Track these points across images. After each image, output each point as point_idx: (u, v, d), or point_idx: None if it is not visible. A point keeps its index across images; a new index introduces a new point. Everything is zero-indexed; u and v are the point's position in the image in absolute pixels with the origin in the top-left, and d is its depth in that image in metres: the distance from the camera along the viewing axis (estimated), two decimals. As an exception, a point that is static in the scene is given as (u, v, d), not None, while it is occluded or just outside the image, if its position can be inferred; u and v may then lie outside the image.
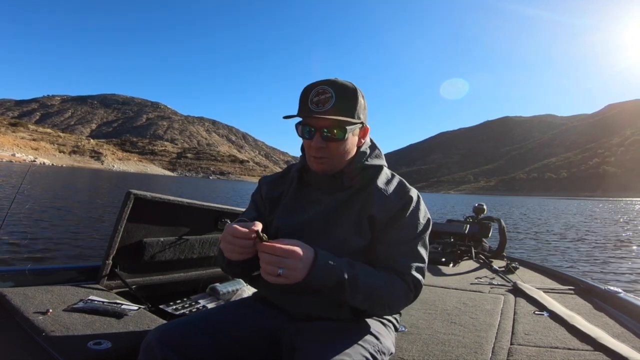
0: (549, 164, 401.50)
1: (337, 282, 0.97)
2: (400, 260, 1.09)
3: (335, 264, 0.97)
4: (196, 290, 2.31)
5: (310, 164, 1.13)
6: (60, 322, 1.36)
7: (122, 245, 1.93)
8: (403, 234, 1.10)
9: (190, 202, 2.18)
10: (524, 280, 2.70)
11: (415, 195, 1.14)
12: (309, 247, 0.96)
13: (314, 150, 1.07)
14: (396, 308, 1.13)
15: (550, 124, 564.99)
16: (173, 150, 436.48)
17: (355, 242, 1.10)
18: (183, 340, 1.01)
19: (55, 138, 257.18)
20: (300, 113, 1.06)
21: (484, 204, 4.48)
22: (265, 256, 0.91)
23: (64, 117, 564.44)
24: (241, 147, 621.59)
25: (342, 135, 1.06)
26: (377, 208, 1.10)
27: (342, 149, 1.09)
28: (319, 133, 1.05)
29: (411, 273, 1.08)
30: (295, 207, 1.18)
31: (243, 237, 0.94)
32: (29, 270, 1.75)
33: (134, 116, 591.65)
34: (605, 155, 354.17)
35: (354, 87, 1.07)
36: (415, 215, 1.13)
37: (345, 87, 1.05)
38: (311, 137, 1.07)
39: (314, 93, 1.04)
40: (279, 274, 0.89)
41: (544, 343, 1.57)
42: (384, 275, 1.05)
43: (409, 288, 1.08)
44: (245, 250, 0.95)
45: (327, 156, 1.08)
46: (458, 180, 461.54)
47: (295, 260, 0.91)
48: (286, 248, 0.91)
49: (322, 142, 1.06)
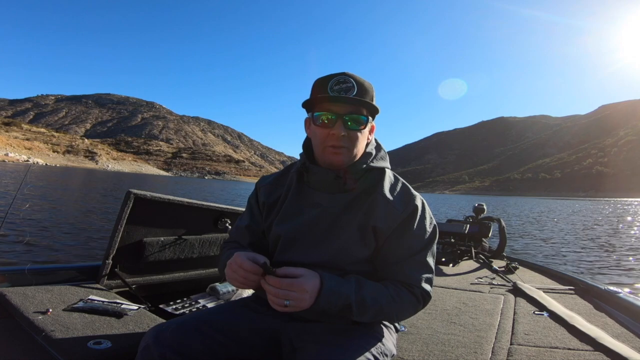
0: (543, 165, 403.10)
1: (345, 306, 0.97)
2: (408, 273, 1.07)
3: (341, 290, 0.96)
4: (196, 290, 2.30)
5: (324, 156, 1.09)
6: (60, 322, 1.36)
7: (122, 245, 1.93)
8: (410, 245, 1.08)
9: (190, 202, 2.18)
10: (524, 280, 2.71)
11: (420, 203, 1.12)
12: (315, 274, 0.96)
13: (334, 139, 1.04)
14: (403, 319, 1.13)
15: (544, 125, 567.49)
16: (168, 150, 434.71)
17: (359, 251, 1.09)
18: (181, 339, 1.01)
19: (49, 138, 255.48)
20: (322, 99, 1.03)
21: (484, 204, 4.46)
22: (271, 289, 0.91)
23: (58, 117, 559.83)
24: (237, 147, 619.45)
25: (364, 122, 1.05)
26: (382, 218, 1.08)
27: (359, 140, 1.07)
28: (340, 120, 1.03)
29: (421, 286, 1.07)
30: (294, 210, 1.15)
31: (249, 270, 0.94)
32: (29, 270, 1.74)
33: (129, 116, 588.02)
34: (598, 155, 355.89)
35: (370, 83, 1.06)
36: (422, 225, 1.10)
37: (363, 81, 1.05)
38: (332, 125, 1.04)
39: (334, 82, 1.02)
40: (286, 305, 0.90)
41: (544, 343, 1.57)
42: (392, 290, 1.04)
43: (418, 300, 1.07)
44: (249, 283, 0.96)
45: (346, 145, 1.05)
46: (453, 180, 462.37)
47: (300, 292, 0.91)
48: (291, 282, 0.91)
49: (344, 130, 1.03)
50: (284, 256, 1.14)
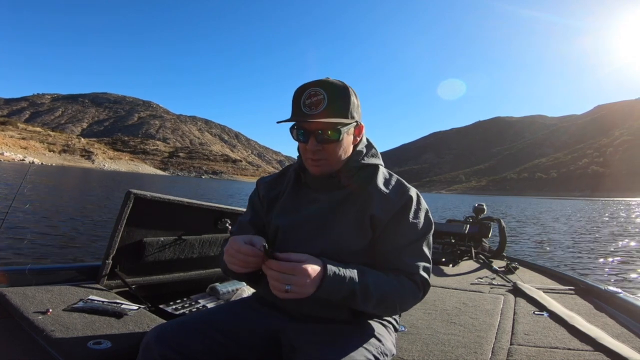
0: (539, 164, 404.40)
1: (349, 293, 0.97)
2: (407, 261, 1.08)
3: (344, 276, 0.96)
4: (196, 290, 2.30)
5: (307, 166, 1.12)
6: (60, 322, 1.36)
7: (122, 245, 1.93)
8: (407, 235, 1.10)
9: (190, 202, 2.18)
10: (524, 280, 2.71)
11: (415, 195, 1.14)
12: (317, 260, 0.95)
13: (310, 152, 1.06)
14: (406, 309, 1.13)
15: (541, 125, 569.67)
16: (165, 150, 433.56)
17: (356, 242, 1.10)
18: (181, 339, 1.01)
19: (44, 137, 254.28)
20: (294, 117, 1.05)
21: (484, 204, 4.46)
22: (272, 273, 0.90)
23: (54, 116, 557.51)
24: (234, 146, 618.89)
25: (337, 137, 1.05)
26: (378, 208, 1.09)
27: (338, 149, 1.08)
28: (313, 136, 1.04)
29: (419, 273, 1.08)
30: (293, 206, 1.18)
31: (248, 254, 0.94)
32: (29, 270, 1.74)
33: (126, 115, 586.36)
34: (594, 155, 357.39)
35: (345, 86, 1.06)
36: (417, 215, 1.12)
37: (336, 86, 1.05)
38: (306, 140, 1.06)
39: (306, 95, 1.03)
40: (287, 290, 0.89)
41: (544, 343, 1.57)
42: (393, 278, 1.05)
43: (418, 288, 1.08)
44: (249, 265, 0.95)
45: (323, 158, 1.07)
46: (450, 180, 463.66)
47: (302, 276, 0.90)
48: (293, 265, 0.90)
49: (317, 145, 1.05)
50: (282, 248, 1.14)
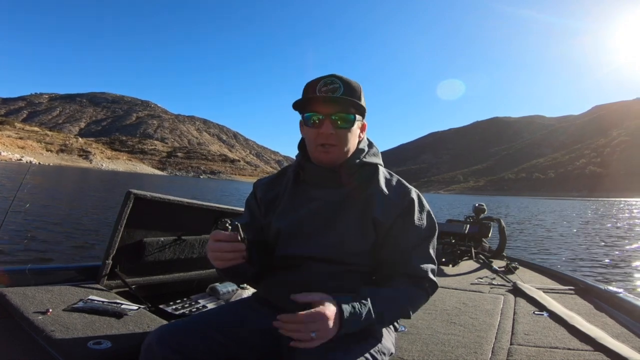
0: (537, 165, 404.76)
1: (367, 325, 0.99)
2: (415, 266, 1.09)
3: (361, 313, 0.97)
4: (196, 290, 2.30)
5: (315, 155, 1.13)
6: (60, 322, 1.35)
7: (122, 245, 1.93)
8: (413, 239, 1.10)
9: (190, 202, 2.18)
10: (524, 280, 2.72)
11: (417, 196, 1.14)
12: (329, 298, 0.96)
13: (323, 137, 1.07)
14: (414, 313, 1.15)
15: (538, 125, 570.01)
16: (163, 149, 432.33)
17: (359, 243, 1.10)
18: (183, 340, 1.02)
19: (42, 136, 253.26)
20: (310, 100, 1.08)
21: (484, 204, 4.45)
22: (294, 327, 0.90)
23: (52, 116, 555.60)
24: (232, 146, 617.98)
25: (351, 124, 1.08)
26: (380, 210, 1.10)
27: (349, 137, 1.10)
28: (328, 119, 1.07)
29: (428, 276, 1.09)
30: (292, 206, 1.18)
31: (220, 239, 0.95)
32: (29, 270, 1.74)
33: (124, 115, 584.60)
34: (592, 155, 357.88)
35: (357, 83, 1.10)
36: (421, 218, 1.12)
37: (350, 81, 1.09)
38: (320, 124, 1.07)
39: (322, 84, 1.07)
40: (312, 337, 0.89)
41: (544, 343, 1.58)
42: (404, 291, 1.06)
43: (427, 293, 1.10)
44: (226, 257, 0.96)
45: (335, 143, 1.08)
46: (448, 180, 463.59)
47: (324, 322, 0.90)
48: (311, 313, 0.91)
49: (332, 129, 1.07)
50: (285, 250, 1.16)
